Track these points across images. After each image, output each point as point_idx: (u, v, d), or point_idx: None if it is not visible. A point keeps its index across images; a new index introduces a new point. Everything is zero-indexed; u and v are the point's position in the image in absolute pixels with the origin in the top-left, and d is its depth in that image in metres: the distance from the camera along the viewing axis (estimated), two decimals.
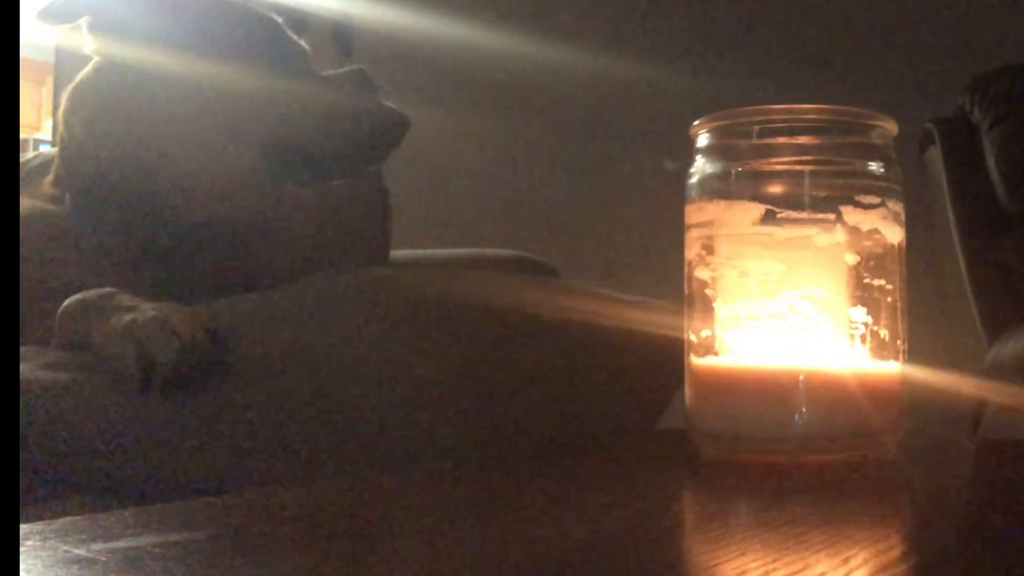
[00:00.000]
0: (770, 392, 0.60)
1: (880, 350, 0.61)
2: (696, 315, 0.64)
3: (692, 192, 0.65)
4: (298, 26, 1.04)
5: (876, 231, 0.61)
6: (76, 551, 0.39)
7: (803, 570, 0.37)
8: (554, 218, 2.39)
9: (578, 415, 0.91)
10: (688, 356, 0.64)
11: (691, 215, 0.65)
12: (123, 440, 0.73)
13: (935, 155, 1.95)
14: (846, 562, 0.38)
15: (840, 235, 0.61)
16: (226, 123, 0.94)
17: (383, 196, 1.26)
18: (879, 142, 0.63)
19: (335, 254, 1.14)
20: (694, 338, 0.64)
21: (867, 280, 0.61)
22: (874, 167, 0.62)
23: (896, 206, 0.62)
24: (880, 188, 0.62)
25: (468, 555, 0.41)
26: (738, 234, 0.62)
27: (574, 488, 0.58)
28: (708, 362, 0.63)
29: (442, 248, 1.44)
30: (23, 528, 0.43)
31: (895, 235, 0.62)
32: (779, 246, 0.61)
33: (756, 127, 0.62)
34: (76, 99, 0.97)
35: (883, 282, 0.62)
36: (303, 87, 0.97)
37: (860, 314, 0.61)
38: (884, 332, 0.62)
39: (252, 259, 0.99)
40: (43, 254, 0.91)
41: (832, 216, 0.61)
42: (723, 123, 0.64)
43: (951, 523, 0.50)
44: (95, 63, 0.96)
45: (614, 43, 2.39)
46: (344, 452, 0.78)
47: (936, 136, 1.94)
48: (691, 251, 0.64)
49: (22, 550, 0.39)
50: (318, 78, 0.99)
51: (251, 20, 0.99)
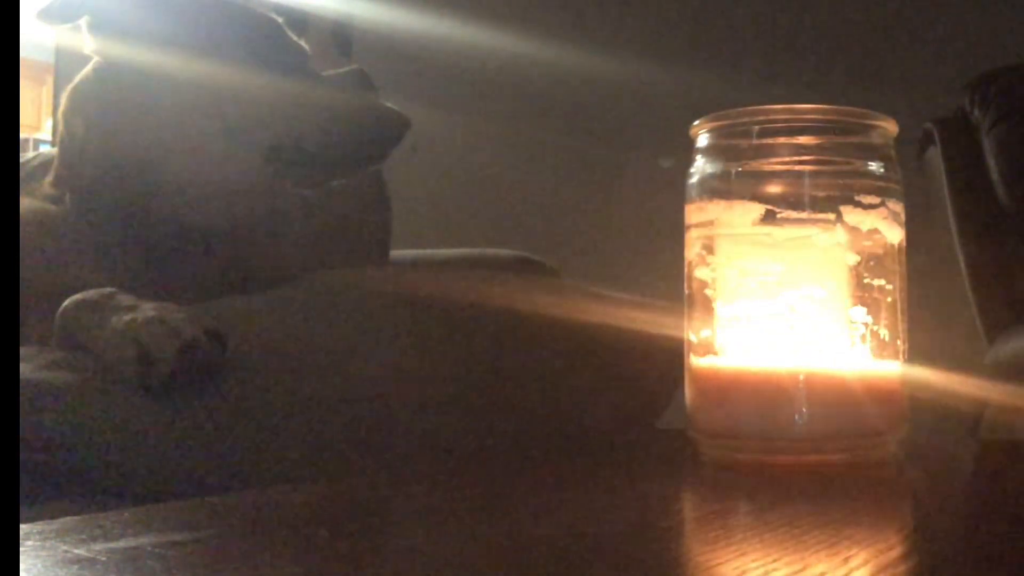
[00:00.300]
0: (770, 392, 0.60)
1: (880, 350, 0.61)
2: (696, 315, 0.64)
3: (692, 192, 0.65)
4: (298, 26, 1.04)
5: (876, 231, 0.61)
6: (76, 551, 0.39)
7: (803, 570, 0.37)
8: (554, 218, 2.39)
9: (578, 415, 0.91)
10: (688, 356, 0.64)
11: (691, 215, 0.65)
12: (123, 440, 0.73)
13: (935, 155, 1.95)
14: (846, 562, 0.38)
15: (840, 235, 0.61)
16: (226, 123, 0.94)
17: (383, 196, 1.26)
18: (879, 142, 0.63)
19: (335, 254, 1.14)
20: (694, 338, 0.64)
21: (867, 280, 0.61)
22: (874, 167, 0.62)
23: (896, 206, 0.62)
24: (880, 188, 0.62)
25: (468, 555, 0.41)
26: (738, 234, 0.62)
27: (574, 488, 0.58)
28: (708, 362, 0.63)
29: (442, 248, 1.44)
30: (23, 528, 0.43)
31: (895, 235, 0.62)
32: (779, 246, 0.61)
33: (756, 127, 0.62)
34: (76, 99, 0.97)
35: (883, 282, 0.62)
36: (303, 87, 0.97)
37: (860, 314, 0.61)
38: (884, 332, 0.62)
39: (252, 259, 0.99)
40: (43, 254, 0.91)
41: (832, 216, 0.61)
42: (723, 123, 0.64)
43: (951, 523, 0.50)
44: (95, 63, 0.96)
45: (614, 43, 2.39)
46: (344, 452, 0.78)
47: (936, 136, 1.94)
48: (691, 251, 0.64)
49: (22, 550, 0.39)
50: (318, 78, 0.99)
51: (251, 20, 0.99)
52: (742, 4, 2.33)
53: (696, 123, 0.64)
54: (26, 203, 0.96)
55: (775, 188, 0.61)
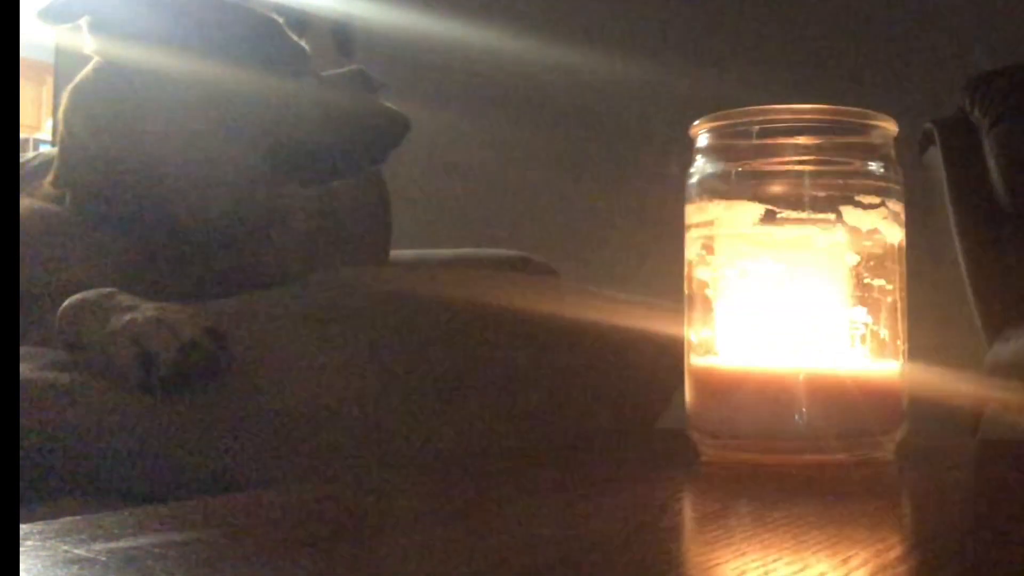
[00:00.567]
0: (770, 392, 0.60)
1: (880, 350, 0.61)
2: (696, 315, 0.64)
3: (692, 192, 0.65)
4: (298, 26, 1.04)
5: (876, 231, 0.61)
6: (76, 551, 0.39)
7: (803, 570, 0.37)
8: (554, 218, 2.39)
9: (578, 415, 0.91)
10: (688, 356, 0.64)
11: (691, 215, 0.65)
12: (123, 440, 0.73)
13: (935, 155, 1.95)
14: (846, 562, 0.38)
15: (840, 235, 0.61)
16: (226, 123, 0.94)
17: (383, 196, 1.26)
18: (879, 142, 0.63)
19: (335, 254, 1.14)
20: (694, 338, 0.64)
21: (867, 280, 0.61)
22: (874, 167, 0.62)
23: (896, 206, 0.62)
24: (880, 188, 0.62)
25: (467, 555, 0.41)
26: (738, 234, 0.62)
27: (573, 488, 0.58)
28: (708, 362, 0.63)
29: (442, 248, 1.44)
30: (23, 528, 0.43)
31: (895, 235, 0.62)
32: (779, 246, 0.61)
33: (756, 127, 0.62)
34: (76, 99, 0.97)
35: (883, 282, 0.62)
36: (303, 87, 0.97)
37: (860, 314, 0.61)
38: (884, 332, 0.62)
39: (252, 259, 0.99)
40: (43, 254, 0.91)
41: (832, 216, 0.61)
42: (723, 123, 0.64)
43: (951, 523, 0.50)
44: (95, 63, 0.96)
45: (614, 43, 2.39)
46: (344, 452, 0.78)
47: (936, 136, 1.94)
48: (691, 251, 0.64)
49: (22, 550, 0.39)
50: (318, 78, 0.99)
51: (251, 20, 0.99)
52: (742, 4, 2.33)
53: (696, 123, 0.65)
54: (26, 203, 0.96)
55: (775, 188, 0.61)
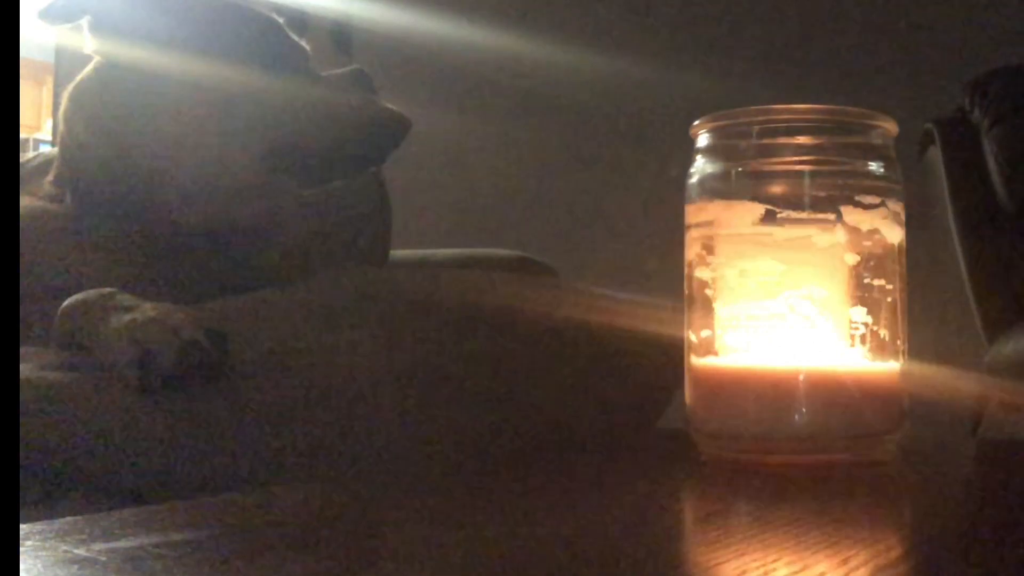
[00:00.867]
0: (770, 392, 0.60)
1: (880, 350, 0.61)
2: (696, 315, 0.64)
3: (692, 192, 0.65)
4: (298, 26, 1.04)
5: (876, 231, 0.61)
6: (76, 551, 0.39)
7: (803, 570, 0.37)
8: (554, 218, 2.39)
9: (578, 415, 0.91)
10: (688, 356, 0.64)
11: (691, 215, 0.65)
12: (123, 440, 0.73)
13: (935, 155, 1.95)
14: (846, 562, 0.38)
15: (840, 235, 0.61)
16: (226, 123, 0.94)
17: (383, 196, 1.26)
18: (879, 142, 0.63)
19: (335, 254, 1.14)
20: (694, 338, 0.64)
21: (867, 280, 0.61)
22: (874, 167, 0.62)
23: (896, 206, 0.62)
24: (880, 188, 0.62)
25: (467, 555, 0.41)
26: (738, 234, 0.62)
27: (574, 488, 0.58)
28: (708, 362, 0.63)
29: (442, 248, 1.44)
30: (23, 528, 0.43)
31: (895, 235, 0.62)
32: (779, 246, 0.61)
33: (756, 127, 0.62)
34: (76, 99, 0.97)
35: (883, 282, 0.62)
36: (303, 87, 0.97)
37: (860, 314, 0.61)
38: (884, 332, 0.62)
39: (252, 259, 0.99)
40: (43, 254, 0.91)
41: (832, 216, 0.61)
42: (723, 123, 0.64)
43: (951, 523, 0.50)
44: (95, 63, 0.96)
45: (614, 43, 2.39)
46: (344, 452, 0.78)
47: (936, 136, 1.94)
48: (691, 251, 0.64)
49: (22, 550, 0.39)
50: (318, 78, 0.99)
51: (251, 20, 0.99)
52: (742, 4, 2.33)
53: (696, 123, 0.64)
54: (26, 203, 0.96)
55: (775, 188, 0.61)
